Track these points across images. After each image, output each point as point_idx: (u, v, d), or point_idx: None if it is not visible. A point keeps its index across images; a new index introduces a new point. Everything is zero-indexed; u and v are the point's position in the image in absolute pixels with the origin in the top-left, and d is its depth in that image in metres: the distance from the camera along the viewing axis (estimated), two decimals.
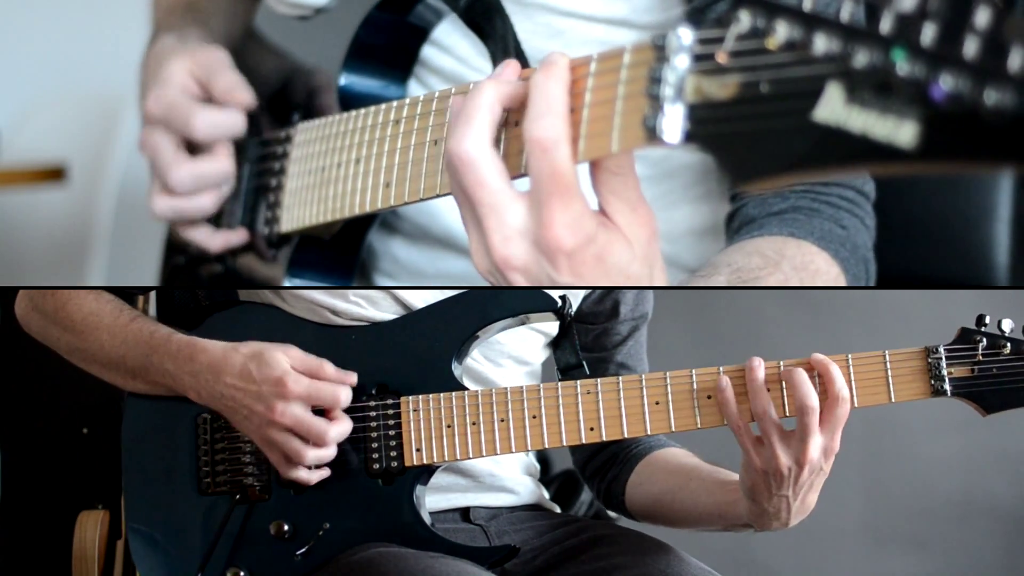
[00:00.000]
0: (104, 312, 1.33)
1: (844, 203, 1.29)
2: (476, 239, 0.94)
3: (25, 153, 2.68)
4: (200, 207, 1.39)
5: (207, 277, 1.48)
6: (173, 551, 1.30)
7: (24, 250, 2.80)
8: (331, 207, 1.27)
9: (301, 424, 1.21)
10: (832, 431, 1.16)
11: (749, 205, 1.30)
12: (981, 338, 1.20)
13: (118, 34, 2.26)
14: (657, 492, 1.38)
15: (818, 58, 0.73)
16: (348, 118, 1.27)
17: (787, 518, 1.20)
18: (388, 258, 1.45)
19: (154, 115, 1.36)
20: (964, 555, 2.62)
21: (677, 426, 1.23)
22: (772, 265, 1.20)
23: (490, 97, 0.94)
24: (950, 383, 1.20)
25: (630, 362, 1.45)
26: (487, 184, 0.91)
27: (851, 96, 0.72)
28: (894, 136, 0.70)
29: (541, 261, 0.90)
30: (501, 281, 0.94)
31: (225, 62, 1.38)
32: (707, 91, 0.79)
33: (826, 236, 1.25)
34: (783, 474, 1.16)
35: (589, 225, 0.89)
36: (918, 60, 0.68)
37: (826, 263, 1.24)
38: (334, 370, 1.23)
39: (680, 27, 0.82)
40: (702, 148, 0.81)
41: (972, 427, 2.55)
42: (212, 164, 1.37)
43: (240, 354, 1.23)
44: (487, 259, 0.93)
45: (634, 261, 0.90)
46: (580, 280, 0.89)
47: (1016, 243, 1.68)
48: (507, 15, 1.27)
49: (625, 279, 0.90)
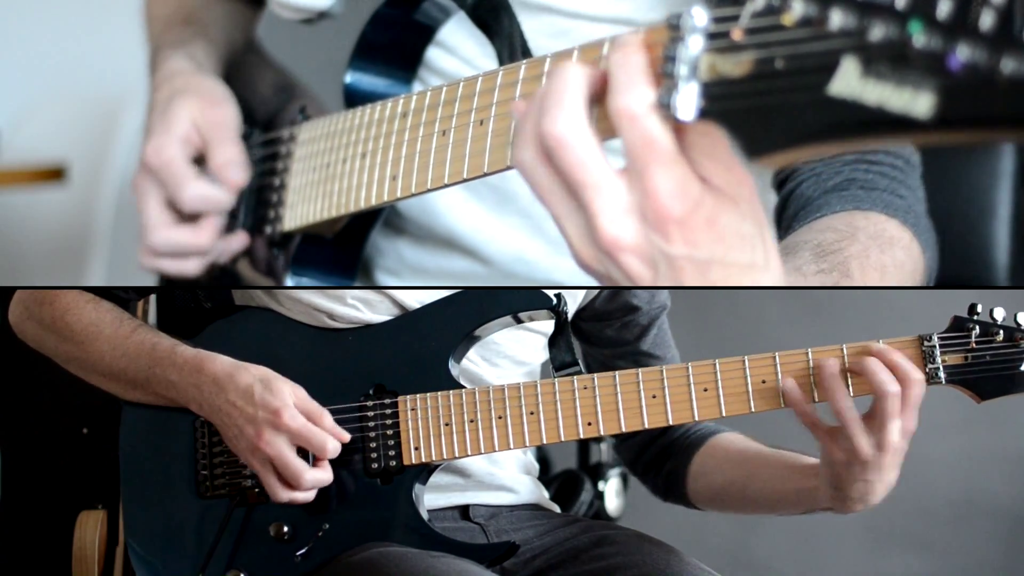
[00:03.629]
0: (105, 322, 1.33)
1: (897, 173, 1.29)
2: (576, 227, 0.87)
3: (25, 153, 2.68)
4: (182, 270, 1.39)
5: (206, 281, 1.48)
6: (172, 555, 1.30)
7: (24, 250, 2.81)
8: (336, 202, 1.27)
9: (281, 459, 1.21)
10: (911, 413, 1.16)
11: (803, 184, 1.29)
12: (974, 326, 1.20)
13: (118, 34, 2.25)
14: (724, 481, 1.38)
15: (834, 33, 0.73)
16: (354, 114, 1.27)
17: (872, 499, 1.21)
18: (393, 256, 1.45)
19: (150, 166, 1.36)
20: (964, 555, 2.62)
21: (675, 419, 1.23)
22: (848, 237, 1.19)
23: (578, 76, 0.88)
24: (944, 371, 1.20)
25: (657, 351, 1.45)
26: (588, 164, 0.85)
27: (867, 69, 0.71)
28: (910, 107, 0.70)
29: (651, 236, 0.84)
30: (608, 271, 0.88)
31: (230, 126, 1.38)
32: (722, 69, 0.79)
33: (890, 205, 1.25)
34: (867, 461, 1.16)
35: (694, 189, 0.84)
36: (934, 32, 0.68)
37: (897, 229, 1.23)
38: (331, 422, 1.24)
39: (694, 6, 0.82)
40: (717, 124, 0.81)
41: (972, 427, 2.56)
42: (192, 237, 1.37)
43: (250, 374, 1.23)
44: (592, 247, 0.87)
45: (744, 220, 0.85)
46: (694, 249, 0.84)
47: (1016, 243, 1.68)
48: (514, 13, 1.27)
49: (740, 240, 0.85)
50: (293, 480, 1.22)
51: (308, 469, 1.22)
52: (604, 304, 1.43)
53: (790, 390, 1.20)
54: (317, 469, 1.23)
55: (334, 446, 1.23)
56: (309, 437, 1.22)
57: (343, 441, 1.24)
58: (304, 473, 1.22)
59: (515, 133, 0.90)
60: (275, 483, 1.22)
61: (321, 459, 1.23)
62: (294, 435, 1.22)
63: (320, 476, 1.23)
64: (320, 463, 1.24)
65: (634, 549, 1.29)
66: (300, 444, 1.22)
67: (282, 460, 1.21)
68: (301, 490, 1.23)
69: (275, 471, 1.22)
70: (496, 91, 1.05)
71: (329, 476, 1.24)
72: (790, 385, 1.20)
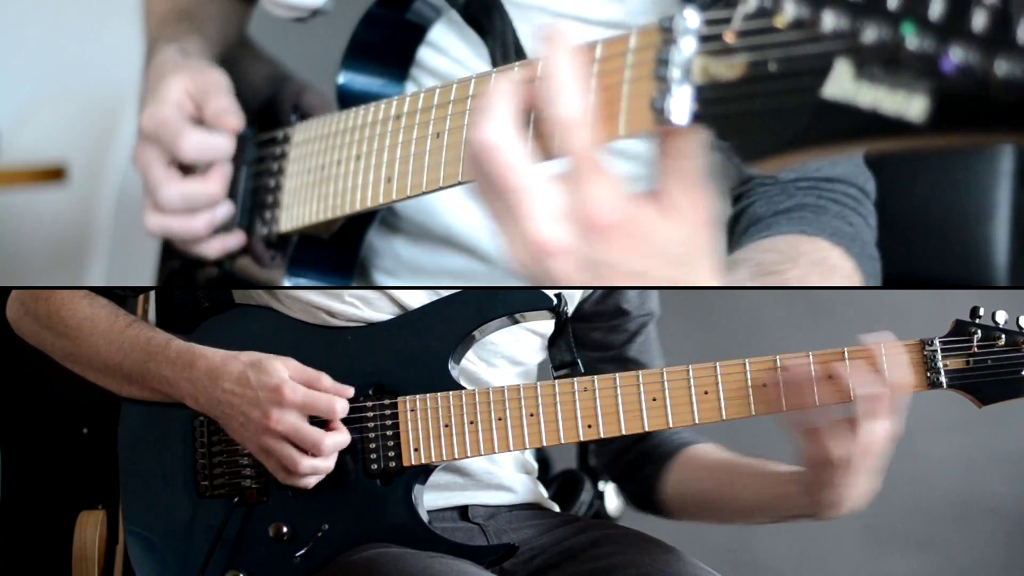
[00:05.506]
0: (99, 317, 1.33)
1: (849, 200, 1.29)
2: (509, 231, 0.89)
3: (25, 153, 2.68)
4: (191, 229, 1.38)
5: (204, 280, 1.48)
6: (172, 555, 1.30)
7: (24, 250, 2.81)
8: (331, 204, 1.27)
9: (296, 432, 1.21)
10: (897, 415, 1.16)
11: (756, 204, 1.30)
12: (976, 330, 1.20)
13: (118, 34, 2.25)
14: (699, 489, 1.38)
15: (826, 35, 0.72)
16: (348, 116, 1.27)
17: (846, 506, 1.21)
18: (389, 256, 1.45)
19: (147, 131, 1.37)
20: (964, 555, 2.62)
21: (675, 422, 1.23)
22: (790, 261, 1.19)
23: (503, 85, 0.90)
24: (946, 375, 1.20)
25: (643, 358, 1.45)
26: (514, 167, 0.87)
27: (860, 72, 0.71)
28: (904, 110, 0.70)
29: (584, 240, 0.85)
30: (539, 275, 0.88)
31: (221, 85, 1.38)
32: (714, 72, 0.79)
33: (837, 232, 1.25)
34: (849, 463, 1.16)
35: (631, 198, 0.85)
36: (927, 34, 0.68)
37: (840, 258, 1.23)
38: (331, 382, 1.24)
39: (686, 9, 0.81)
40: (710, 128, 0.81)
41: (972, 427, 2.56)
42: (202, 186, 1.37)
43: (239, 361, 1.24)
44: (524, 250, 0.87)
45: (682, 243, 0.86)
46: (631, 256, 0.85)
47: (1015, 243, 1.68)
48: (506, 12, 1.28)
49: (667, 261, 0.86)
50: (314, 448, 1.22)
51: (326, 434, 1.22)
52: (593, 306, 1.43)
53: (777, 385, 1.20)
54: (333, 432, 1.23)
55: (342, 405, 1.23)
56: (315, 403, 1.22)
57: (347, 396, 1.24)
58: (324, 439, 1.22)
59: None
60: (297, 456, 1.22)
61: (332, 422, 1.23)
62: (300, 406, 1.21)
63: (338, 439, 1.23)
64: (333, 425, 1.23)
65: (633, 549, 1.29)
66: (309, 412, 1.22)
67: (297, 433, 1.21)
68: (323, 455, 1.22)
69: (293, 445, 1.22)
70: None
71: (347, 436, 1.24)
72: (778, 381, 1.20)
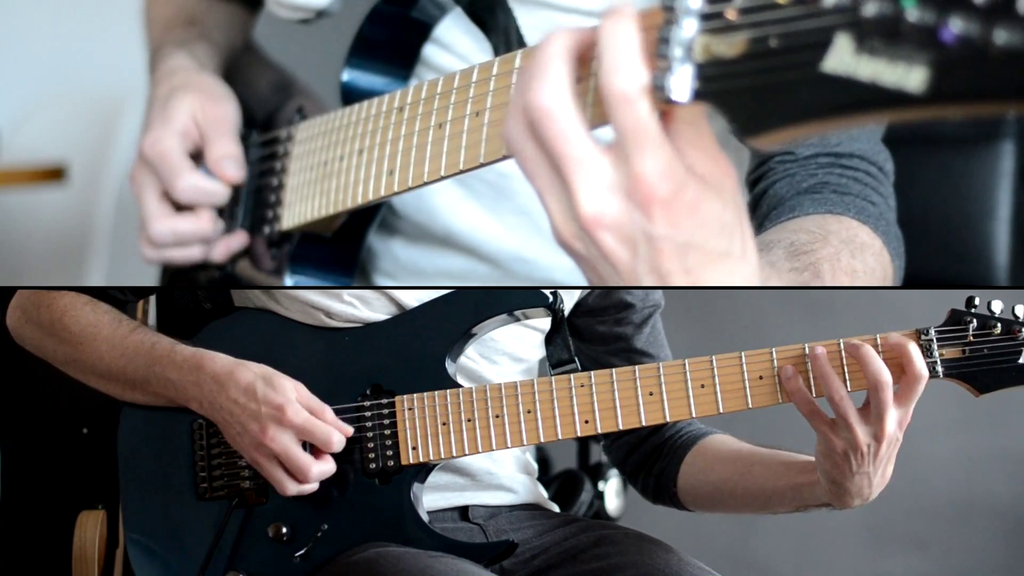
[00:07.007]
0: (103, 323, 1.33)
1: (870, 179, 1.29)
2: (557, 201, 0.86)
3: (25, 153, 2.69)
4: (186, 257, 1.40)
5: (205, 281, 1.48)
6: (172, 557, 1.30)
7: (24, 250, 2.81)
8: (333, 200, 1.27)
9: (287, 453, 1.22)
10: (909, 405, 1.16)
11: (776, 184, 1.30)
12: (971, 319, 1.20)
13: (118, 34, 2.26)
14: (716, 479, 1.37)
15: (828, 9, 0.73)
16: (351, 111, 1.27)
17: (869, 493, 1.21)
18: (388, 258, 1.45)
19: (147, 158, 1.37)
20: (964, 555, 2.62)
21: (672, 416, 1.23)
22: (820, 240, 1.19)
23: (562, 45, 0.87)
24: (942, 364, 1.20)
25: (651, 349, 1.45)
26: (570, 136, 0.84)
27: (860, 45, 0.71)
28: (904, 82, 0.70)
29: (634, 215, 0.84)
30: (585, 248, 0.87)
31: (229, 123, 1.39)
32: (716, 50, 0.79)
33: (863, 211, 1.25)
34: (863, 452, 1.17)
35: (680, 172, 0.84)
36: (927, 6, 0.68)
37: (869, 236, 1.24)
38: (334, 417, 1.24)
39: None
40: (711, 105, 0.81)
41: (972, 426, 2.56)
42: (193, 224, 1.38)
43: (251, 371, 1.24)
44: (572, 222, 0.86)
45: (726, 209, 0.86)
46: (676, 231, 0.84)
47: (1016, 243, 1.68)
48: (509, 8, 1.28)
49: (720, 227, 0.85)
50: (300, 474, 1.23)
51: (314, 462, 1.23)
52: (598, 300, 1.43)
53: (789, 376, 1.19)
54: (321, 461, 1.23)
55: (339, 439, 1.24)
56: (314, 431, 1.22)
57: (347, 435, 1.25)
58: (311, 467, 1.22)
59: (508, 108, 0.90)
60: (283, 477, 1.23)
61: (323, 452, 1.24)
62: (299, 430, 1.22)
63: (325, 468, 1.24)
64: (322, 455, 1.24)
65: (633, 549, 1.29)
66: (305, 439, 1.23)
67: (288, 455, 1.22)
68: (308, 483, 1.23)
69: (281, 466, 1.23)
70: (491, 81, 1.05)
71: (332, 467, 1.25)
72: (789, 371, 1.20)
